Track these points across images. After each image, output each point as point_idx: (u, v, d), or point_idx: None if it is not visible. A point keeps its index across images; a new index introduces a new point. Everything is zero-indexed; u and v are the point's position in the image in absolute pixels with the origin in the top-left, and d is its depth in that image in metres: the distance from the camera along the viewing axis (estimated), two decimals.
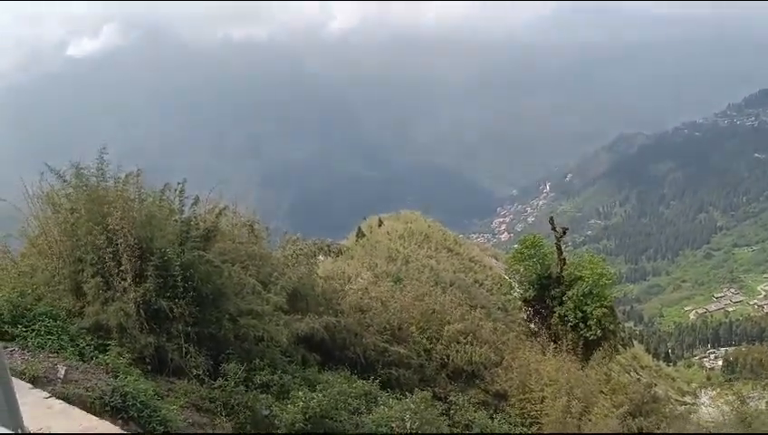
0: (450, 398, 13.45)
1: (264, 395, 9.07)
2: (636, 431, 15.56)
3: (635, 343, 60.25)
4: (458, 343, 15.56)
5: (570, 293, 20.97)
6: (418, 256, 35.48)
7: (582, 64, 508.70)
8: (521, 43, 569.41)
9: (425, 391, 11.56)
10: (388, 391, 11.77)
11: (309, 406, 8.52)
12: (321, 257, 17.08)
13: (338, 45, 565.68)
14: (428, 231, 42.38)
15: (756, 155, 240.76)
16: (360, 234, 39.45)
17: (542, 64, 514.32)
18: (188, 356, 9.24)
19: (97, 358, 8.03)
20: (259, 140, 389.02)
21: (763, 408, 14.66)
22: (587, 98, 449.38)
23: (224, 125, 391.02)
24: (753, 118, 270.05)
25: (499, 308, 29.26)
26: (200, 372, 9.14)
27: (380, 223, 43.95)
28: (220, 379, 8.70)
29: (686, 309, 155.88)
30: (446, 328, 15.81)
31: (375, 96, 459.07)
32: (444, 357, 15.30)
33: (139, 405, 6.65)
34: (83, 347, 8.34)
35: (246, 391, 8.82)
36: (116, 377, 7.27)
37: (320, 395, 8.94)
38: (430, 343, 15.45)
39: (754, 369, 17.61)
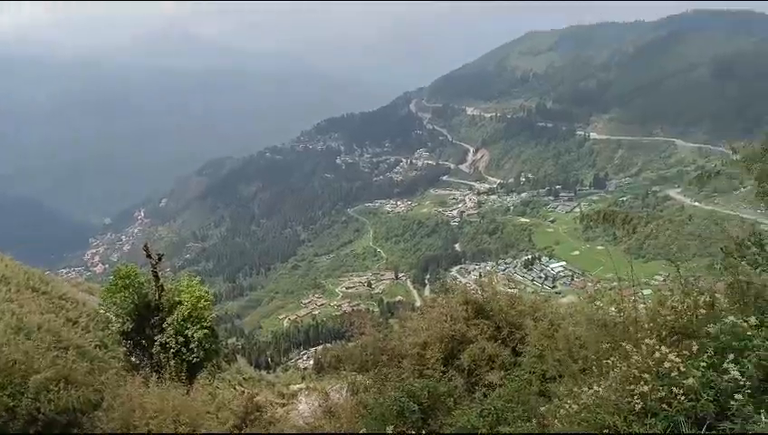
0: None
1: None
2: None
3: (238, 357, 63.17)
4: (49, 391, 14.04)
5: (169, 319, 20.83)
6: None
7: (176, 91, 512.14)
8: (114, 66, 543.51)
9: None
10: None
11: None
12: None
13: None
14: (6, 271, 36.97)
15: (326, 175, 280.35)
16: None
17: (135, 88, 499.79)
18: None
19: None
20: None
21: (345, 397, 17.23)
22: (180, 123, 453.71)
23: None
24: (322, 142, 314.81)
25: (97, 346, 27.37)
26: None
27: None
28: None
29: (280, 318, 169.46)
30: (32, 378, 14.09)
31: None
32: (33, 411, 13.62)
33: None
34: None
35: None
36: None
37: None
38: (13, 400, 13.58)
39: (333, 364, 20.54)
